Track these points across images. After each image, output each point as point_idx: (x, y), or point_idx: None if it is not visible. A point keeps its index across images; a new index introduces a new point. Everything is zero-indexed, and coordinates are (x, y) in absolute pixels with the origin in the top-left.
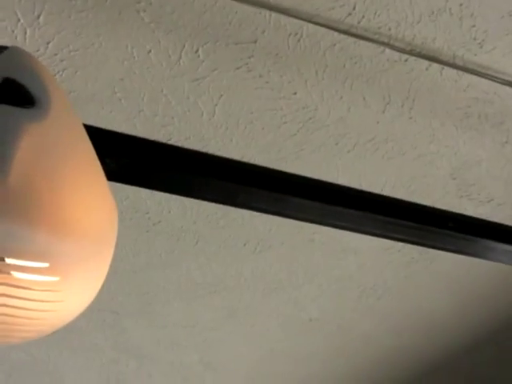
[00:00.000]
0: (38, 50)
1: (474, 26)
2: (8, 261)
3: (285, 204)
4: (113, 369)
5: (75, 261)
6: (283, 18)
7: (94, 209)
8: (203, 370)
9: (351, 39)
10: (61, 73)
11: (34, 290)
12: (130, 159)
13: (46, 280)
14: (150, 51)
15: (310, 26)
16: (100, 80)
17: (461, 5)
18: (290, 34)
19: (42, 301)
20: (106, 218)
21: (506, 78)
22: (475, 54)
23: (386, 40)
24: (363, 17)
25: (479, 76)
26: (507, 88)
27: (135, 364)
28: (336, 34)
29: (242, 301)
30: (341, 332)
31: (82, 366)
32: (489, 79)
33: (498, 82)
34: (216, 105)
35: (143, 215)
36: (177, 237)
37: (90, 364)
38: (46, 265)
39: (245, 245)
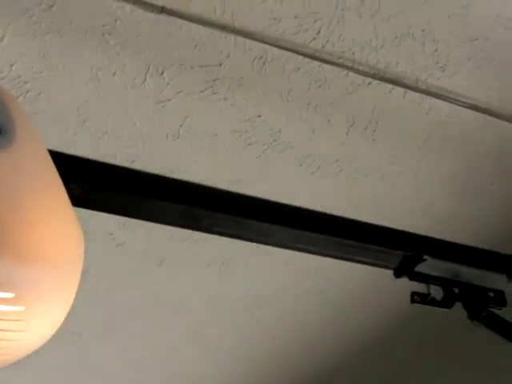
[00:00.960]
0: (1, 72)
1: (436, 50)
2: None
3: (247, 228)
4: None
5: (41, 290)
6: (248, 42)
7: (59, 237)
8: None
9: (315, 63)
10: (24, 95)
11: None
12: (94, 185)
13: (10, 310)
14: (115, 73)
15: (275, 49)
16: (64, 102)
17: (423, 30)
18: (254, 58)
19: (5, 330)
20: (71, 245)
21: (468, 101)
22: (438, 78)
23: (349, 64)
24: (327, 41)
25: (441, 99)
26: (468, 111)
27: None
28: (300, 57)
29: (207, 321)
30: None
31: None
32: (451, 102)
33: (459, 105)
34: (181, 126)
35: (107, 236)
36: (140, 258)
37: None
38: (11, 295)
39: (209, 265)
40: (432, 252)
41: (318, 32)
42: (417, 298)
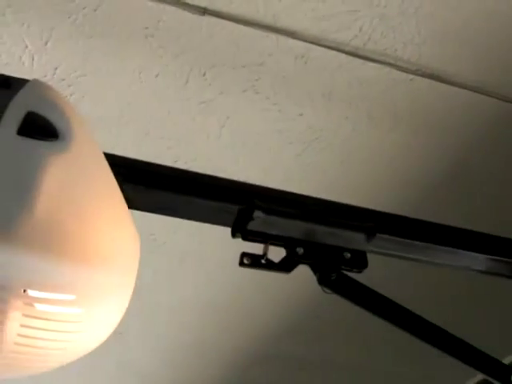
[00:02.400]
0: (45, 76)
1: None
2: (31, 293)
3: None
4: None
5: (100, 292)
6: (290, 41)
7: (118, 239)
8: None
9: (357, 61)
10: (68, 98)
11: (56, 321)
12: (146, 185)
13: (70, 312)
14: (158, 75)
15: (317, 48)
16: (107, 104)
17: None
18: (296, 57)
19: (64, 332)
20: (129, 248)
21: None
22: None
23: (391, 61)
24: (369, 39)
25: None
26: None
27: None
28: (342, 55)
29: None
30: None
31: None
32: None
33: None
34: (223, 126)
35: (148, 236)
36: (181, 258)
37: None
38: (72, 297)
39: None
40: (264, 206)
41: (360, 30)
42: (247, 259)
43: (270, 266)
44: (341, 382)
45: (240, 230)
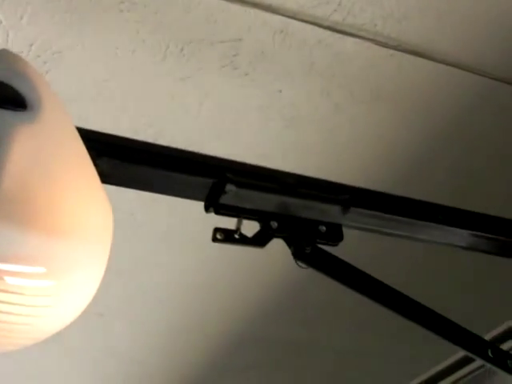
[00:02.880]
0: (21, 52)
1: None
2: (1, 266)
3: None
4: (99, 371)
5: (71, 265)
6: (268, 16)
7: (89, 211)
8: None
9: (337, 36)
10: (44, 74)
11: (27, 295)
12: (120, 159)
13: (41, 285)
14: (135, 51)
15: (295, 22)
16: (84, 81)
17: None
18: (275, 32)
19: (34, 306)
20: (101, 220)
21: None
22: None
23: (371, 36)
24: (348, 13)
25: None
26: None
27: (124, 368)
28: (321, 30)
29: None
30: None
31: (67, 369)
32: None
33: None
34: (201, 103)
35: (129, 216)
36: (163, 238)
37: (75, 367)
38: (42, 269)
39: None
40: (236, 180)
41: (339, 4)
42: (220, 235)
43: (244, 240)
44: (327, 364)
45: (213, 204)
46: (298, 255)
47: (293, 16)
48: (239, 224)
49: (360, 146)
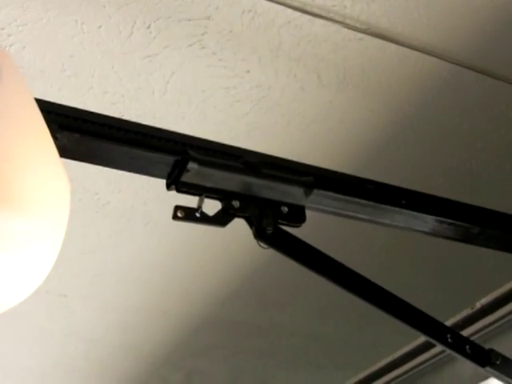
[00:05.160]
0: None
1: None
2: None
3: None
4: (61, 352)
5: (25, 240)
6: None
7: (46, 185)
8: None
9: (306, 17)
10: (8, 48)
11: None
12: (81, 134)
13: None
14: (101, 27)
15: (264, 2)
16: (49, 56)
17: None
18: (243, 11)
19: None
20: (58, 196)
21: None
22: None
23: (340, 18)
24: None
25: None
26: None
27: (84, 347)
28: (290, 11)
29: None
30: None
31: (28, 350)
32: (439, 58)
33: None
34: (168, 82)
35: (93, 196)
36: (127, 218)
37: (39, 348)
38: None
39: None
40: (199, 158)
41: None
42: (180, 213)
43: (205, 219)
44: (289, 347)
45: (174, 182)
46: (259, 235)
47: None
48: (200, 202)
49: (325, 128)
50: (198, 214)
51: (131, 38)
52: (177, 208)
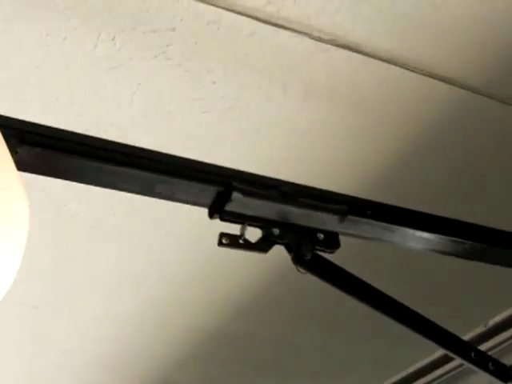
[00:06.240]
0: None
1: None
2: None
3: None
4: (34, 363)
5: None
6: (201, 6)
7: (2, 201)
8: None
9: (270, 28)
10: None
11: None
12: (42, 148)
13: None
14: (66, 38)
15: (229, 14)
16: (14, 68)
17: None
18: (208, 23)
19: None
20: (14, 210)
21: (424, 69)
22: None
23: (305, 30)
24: (282, 5)
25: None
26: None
27: (57, 359)
28: (255, 22)
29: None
30: None
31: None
32: (405, 68)
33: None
34: (134, 93)
35: (62, 207)
36: (96, 229)
37: (9, 359)
38: None
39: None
40: (242, 188)
41: None
42: (225, 239)
43: (248, 246)
44: (263, 356)
45: (218, 211)
46: (298, 261)
47: (226, 7)
48: (243, 230)
49: (293, 138)
50: (241, 241)
51: (96, 50)
52: (222, 235)
